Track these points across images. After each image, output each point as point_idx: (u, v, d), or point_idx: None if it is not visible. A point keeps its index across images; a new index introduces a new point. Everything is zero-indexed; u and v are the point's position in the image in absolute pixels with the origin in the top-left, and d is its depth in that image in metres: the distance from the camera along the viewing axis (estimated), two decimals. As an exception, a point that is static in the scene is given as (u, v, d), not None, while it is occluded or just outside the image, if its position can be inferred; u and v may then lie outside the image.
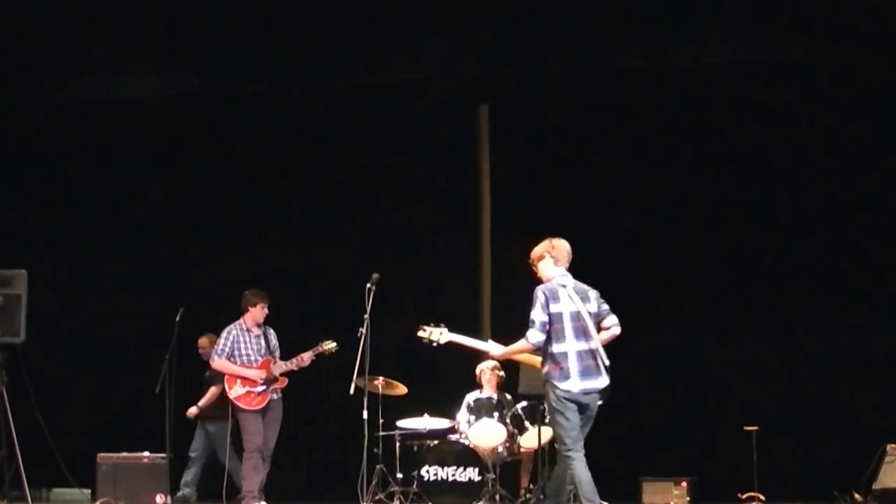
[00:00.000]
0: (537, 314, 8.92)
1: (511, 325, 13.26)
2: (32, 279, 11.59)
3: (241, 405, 11.20)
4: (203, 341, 12.27)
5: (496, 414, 11.55)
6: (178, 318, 11.46)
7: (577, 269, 13.22)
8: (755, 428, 11.79)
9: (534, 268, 9.35)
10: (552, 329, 8.87)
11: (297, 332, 12.27)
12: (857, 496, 11.55)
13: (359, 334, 10.83)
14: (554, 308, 8.90)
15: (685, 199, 13.43)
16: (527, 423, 11.42)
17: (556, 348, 8.84)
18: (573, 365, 8.78)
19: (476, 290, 13.88)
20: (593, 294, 9.13)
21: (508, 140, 14.03)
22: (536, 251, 9.33)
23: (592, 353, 8.84)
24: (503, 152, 14.02)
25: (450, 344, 9.81)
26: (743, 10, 12.89)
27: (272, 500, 11.67)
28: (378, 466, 11.44)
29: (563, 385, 8.75)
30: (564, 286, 9.02)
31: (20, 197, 14.43)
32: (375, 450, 11.37)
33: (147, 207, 14.37)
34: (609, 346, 9.19)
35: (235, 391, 11.23)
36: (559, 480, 9.07)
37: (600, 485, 11.35)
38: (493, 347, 9.57)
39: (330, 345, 11.39)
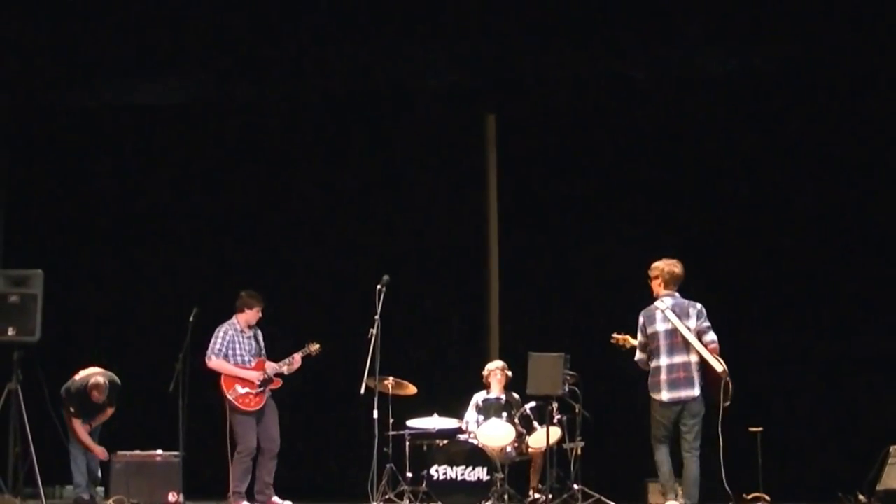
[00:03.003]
0: (638, 336, 10.28)
1: (518, 332, 13.48)
2: (47, 279, 11.75)
3: (239, 406, 11.32)
4: (100, 383, 11.88)
5: (505, 414, 11.64)
6: (191, 319, 11.55)
7: (583, 274, 13.47)
8: (760, 429, 11.85)
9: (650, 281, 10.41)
10: (650, 347, 10.16)
11: (305, 332, 12.38)
12: (860, 497, 11.61)
13: (369, 335, 10.97)
14: (650, 329, 10.16)
15: (690, 204, 13.53)
16: (535, 424, 11.52)
17: (652, 364, 10.14)
18: (663, 378, 10.06)
19: (484, 297, 13.97)
20: (694, 310, 10.17)
21: (515, 149, 14.13)
22: (651, 271, 10.42)
23: (684, 366, 10.05)
24: (510, 161, 14.12)
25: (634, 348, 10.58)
26: (749, 18, 13.02)
27: (282, 499, 11.77)
28: (388, 466, 11.52)
29: (655, 395, 10.08)
30: (660, 308, 10.13)
31: (36, 198, 14.54)
32: (385, 449, 11.46)
33: (160, 209, 14.44)
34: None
35: (234, 392, 11.34)
36: (688, 482, 10.10)
37: (606, 485, 11.57)
38: None
39: (314, 346, 11.62)
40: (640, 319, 10.27)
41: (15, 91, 14.15)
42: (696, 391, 10.04)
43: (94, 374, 11.88)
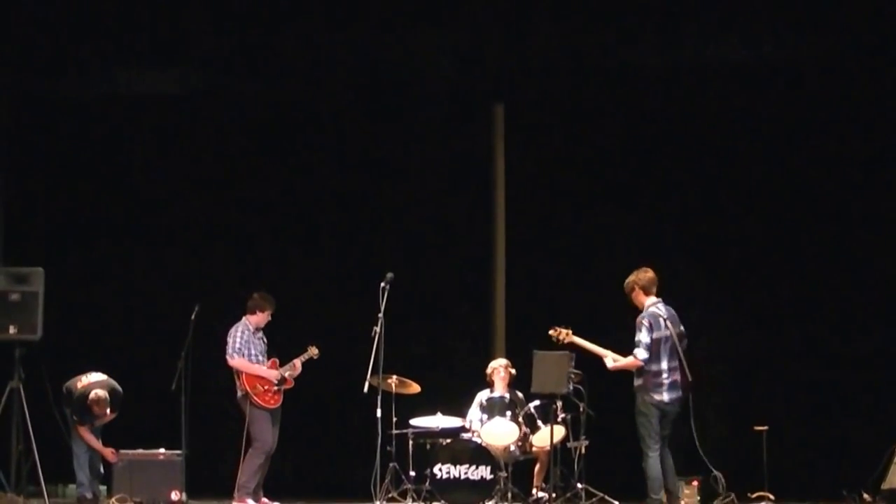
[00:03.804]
0: (644, 337, 10.41)
1: (524, 326, 13.43)
2: (48, 276, 11.72)
3: (261, 403, 11.35)
4: (101, 398, 11.72)
5: (508, 413, 11.60)
6: (193, 316, 11.58)
7: (591, 267, 13.40)
8: (765, 427, 11.81)
9: (629, 298, 10.68)
10: (652, 351, 10.40)
11: (308, 330, 12.38)
12: (865, 496, 11.59)
13: (373, 333, 10.96)
14: (656, 334, 10.44)
15: (700, 198, 13.45)
16: (539, 422, 11.48)
17: (653, 367, 10.41)
18: (665, 380, 10.40)
19: (489, 294, 13.90)
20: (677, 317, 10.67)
21: (523, 140, 14.03)
22: (626, 285, 10.69)
23: (678, 370, 10.46)
24: (518, 153, 14.03)
25: (571, 344, 10.97)
26: (758, 8, 12.92)
27: (286, 498, 11.77)
28: (391, 464, 11.50)
29: (655, 396, 10.38)
30: (660, 314, 10.50)
31: (36, 195, 14.47)
32: (389, 448, 11.44)
33: (161, 204, 14.39)
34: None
35: (257, 390, 11.39)
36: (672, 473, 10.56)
37: (612, 484, 11.54)
38: (609, 359, 10.70)
39: (314, 350, 11.69)
40: (647, 321, 10.45)
41: (13, 85, 14.08)
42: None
43: (95, 386, 11.80)
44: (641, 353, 10.38)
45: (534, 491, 11.67)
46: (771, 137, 13.40)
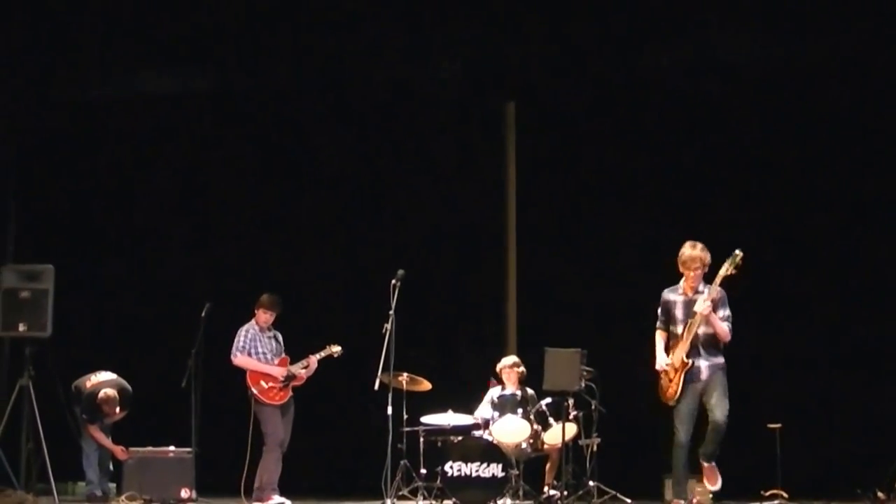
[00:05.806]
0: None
1: (535, 322, 13.40)
2: (58, 274, 11.72)
3: (265, 399, 11.36)
4: (110, 397, 11.79)
5: (520, 410, 11.54)
6: (204, 314, 11.57)
7: (602, 264, 13.36)
8: (779, 425, 11.75)
9: (695, 272, 10.18)
10: None
11: (319, 328, 12.37)
12: (879, 494, 11.52)
13: (384, 331, 10.92)
14: None
15: (707, 194, 13.40)
16: (551, 420, 11.43)
17: None
18: None
19: (501, 291, 13.88)
20: None
21: (535, 137, 14.01)
22: (706, 258, 10.19)
23: None
24: (529, 149, 14.00)
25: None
26: (768, 6, 12.89)
27: (296, 496, 11.74)
28: (402, 462, 11.48)
29: None
30: None
31: (47, 193, 14.50)
32: (399, 445, 11.42)
33: (173, 202, 14.43)
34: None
35: (259, 387, 11.38)
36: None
37: (623, 482, 11.48)
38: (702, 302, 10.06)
39: (335, 348, 11.65)
40: None
41: (23, 85, 14.11)
42: None
43: (104, 385, 11.82)
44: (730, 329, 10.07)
45: (545, 488, 11.61)
46: (779, 137, 13.36)
